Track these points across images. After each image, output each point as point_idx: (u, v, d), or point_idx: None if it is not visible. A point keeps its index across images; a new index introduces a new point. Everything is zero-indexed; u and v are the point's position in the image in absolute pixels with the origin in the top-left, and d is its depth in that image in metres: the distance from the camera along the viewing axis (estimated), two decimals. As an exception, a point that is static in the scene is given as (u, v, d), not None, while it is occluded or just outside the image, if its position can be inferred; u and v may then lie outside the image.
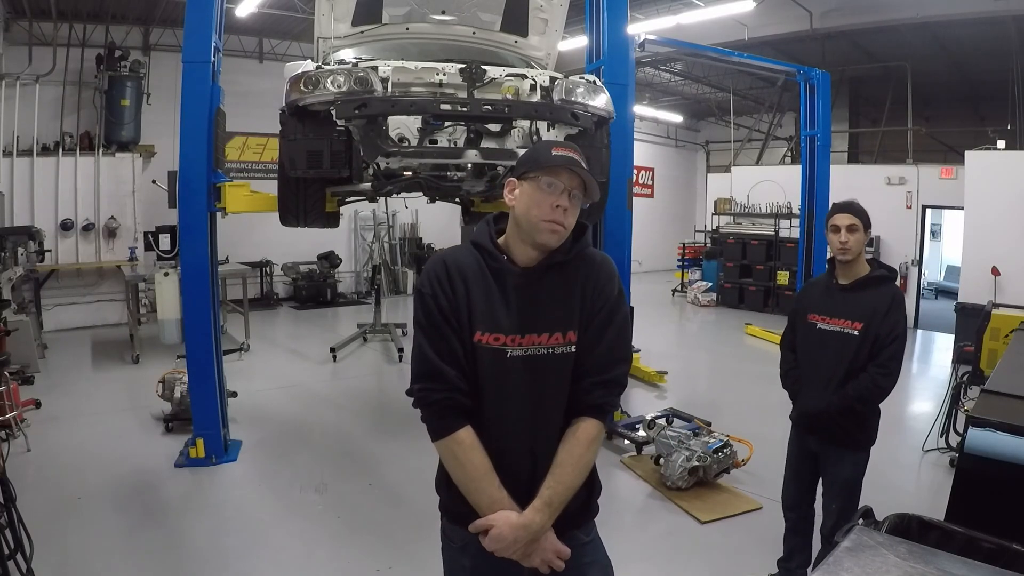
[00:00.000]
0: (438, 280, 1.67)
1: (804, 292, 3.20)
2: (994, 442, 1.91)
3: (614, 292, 1.74)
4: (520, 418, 1.67)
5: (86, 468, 4.73)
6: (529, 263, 1.69)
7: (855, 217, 2.80)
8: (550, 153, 1.68)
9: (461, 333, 1.64)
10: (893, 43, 11.26)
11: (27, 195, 9.23)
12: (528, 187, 1.67)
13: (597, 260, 1.77)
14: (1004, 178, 9.04)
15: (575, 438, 1.67)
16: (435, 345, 1.63)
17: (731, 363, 8.58)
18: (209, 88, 4.63)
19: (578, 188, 1.68)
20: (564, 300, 1.69)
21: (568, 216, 1.66)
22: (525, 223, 1.66)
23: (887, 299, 2.81)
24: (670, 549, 3.85)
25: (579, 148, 1.74)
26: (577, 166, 1.66)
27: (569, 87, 3.99)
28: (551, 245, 1.66)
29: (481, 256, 1.70)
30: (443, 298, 1.65)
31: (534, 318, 1.66)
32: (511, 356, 1.65)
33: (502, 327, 1.64)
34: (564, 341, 1.68)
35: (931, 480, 4.87)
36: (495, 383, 1.66)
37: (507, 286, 1.67)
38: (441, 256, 1.72)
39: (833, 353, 2.83)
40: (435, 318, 1.64)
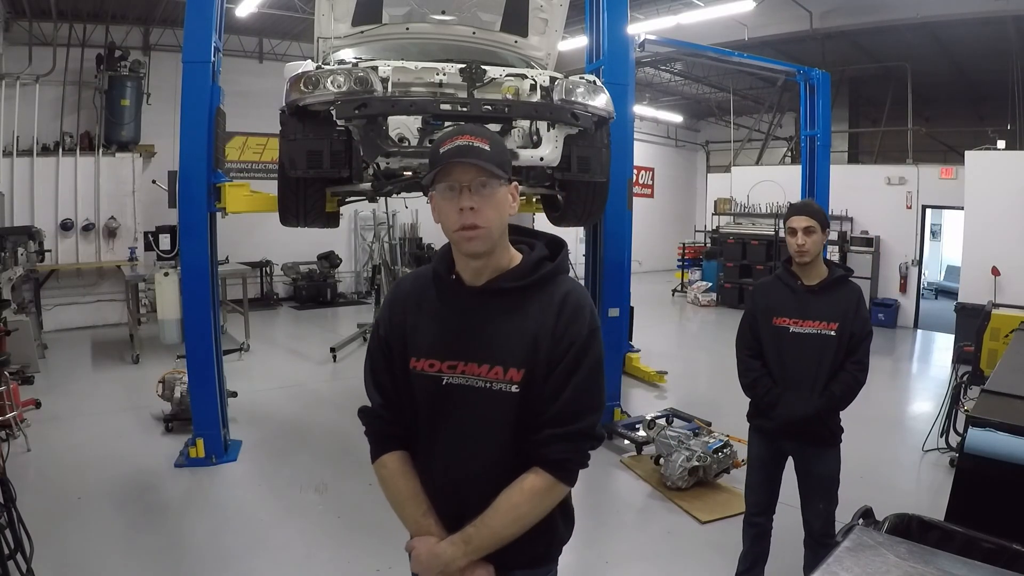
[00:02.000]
0: (388, 304, 1.65)
1: (761, 294, 3.03)
2: (994, 442, 1.91)
3: (583, 332, 1.51)
4: (447, 451, 1.57)
5: (86, 468, 4.73)
6: (475, 279, 1.55)
7: (811, 219, 2.78)
8: (439, 151, 1.49)
9: (395, 363, 1.59)
10: (893, 43, 11.26)
11: (27, 195, 9.23)
12: (436, 199, 1.52)
13: (562, 292, 1.54)
14: (1004, 178, 9.04)
15: (518, 486, 1.51)
16: (370, 370, 1.64)
17: (731, 363, 8.49)
18: (209, 88, 4.64)
19: (481, 176, 1.47)
20: (512, 332, 1.51)
21: (481, 215, 1.47)
22: (448, 237, 1.54)
23: (854, 297, 2.85)
24: (670, 549, 3.85)
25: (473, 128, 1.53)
26: (467, 153, 1.45)
27: (569, 87, 3.99)
28: (475, 252, 1.50)
29: (434, 277, 1.61)
30: (384, 325, 1.62)
31: (474, 345, 1.52)
32: (447, 384, 1.53)
33: (439, 352, 1.54)
34: (504, 378, 1.49)
35: (931, 480, 4.87)
36: (428, 411, 1.57)
37: (451, 307, 1.56)
38: (397, 282, 1.70)
39: (813, 355, 2.81)
40: (374, 343, 1.63)
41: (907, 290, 11.26)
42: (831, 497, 2.88)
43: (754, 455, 3.09)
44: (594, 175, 4.22)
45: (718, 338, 10.76)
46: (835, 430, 2.89)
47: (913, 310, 11.27)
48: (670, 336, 10.92)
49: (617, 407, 5.66)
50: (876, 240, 11.15)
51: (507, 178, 1.53)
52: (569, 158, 4.07)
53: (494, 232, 1.50)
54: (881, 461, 4.95)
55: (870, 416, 2.90)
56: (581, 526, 4.45)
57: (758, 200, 12.78)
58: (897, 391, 7.39)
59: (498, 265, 1.55)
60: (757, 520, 3.10)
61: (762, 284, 3.12)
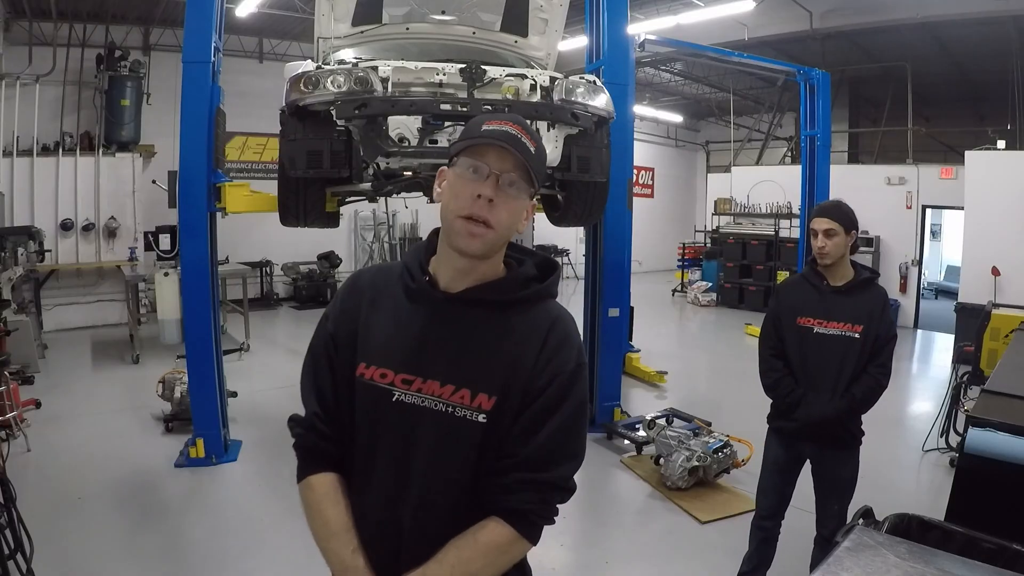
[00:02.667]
0: (342, 295, 1.42)
1: (785, 294, 3.00)
2: (994, 442, 1.91)
3: (569, 365, 1.31)
4: (388, 481, 1.31)
5: (86, 468, 4.73)
6: (452, 284, 1.33)
7: (833, 221, 2.75)
8: (480, 127, 1.30)
9: (339, 364, 1.36)
10: (893, 43, 11.26)
11: (27, 195, 9.23)
12: (452, 174, 1.31)
13: (551, 317, 1.35)
14: (1004, 178, 9.04)
15: (471, 537, 1.27)
16: (311, 371, 1.40)
17: (731, 363, 8.59)
18: (209, 88, 4.64)
19: (515, 172, 1.27)
20: (488, 352, 1.29)
21: (496, 212, 1.26)
22: (443, 221, 1.31)
23: (880, 300, 2.82)
24: (670, 549, 3.85)
25: (525, 123, 1.33)
26: (512, 142, 1.26)
27: (569, 87, 3.99)
28: (469, 252, 1.28)
29: (402, 275, 1.38)
30: (332, 321, 1.39)
31: (440, 360, 1.29)
32: (398, 400, 1.29)
33: (394, 362, 1.30)
34: (472, 404, 1.27)
35: (931, 480, 4.88)
36: (371, 430, 1.33)
37: (418, 313, 1.33)
38: (358, 271, 1.48)
39: (836, 357, 2.78)
40: (317, 341, 1.40)
41: (907, 290, 11.27)
42: (847, 499, 2.87)
43: (770, 458, 3.05)
44: (594, 175, 4.22)
45: (718, 338, 10.78)
46: (856, 433, 2.87)
47: (913, 310, 11.28)
48: (670, 336, 10.91)
49: (617, 407, 5.66)
50: (876, 240, 11.15)
51: (536, 191, 1.34)
52: (569, 158, 4.07)
53: (500, 239, 1.30)
54: (881, 461, 4.94)
55: (870, 416, 2.89)
56: (581, 526, 4.46)
57: (758, 200, 12.79)
58: (897, 391, 7.39)
59: (483, 274, 1.33)
60: (766, 524, 3.08)
61: (787, 283, 3.10)
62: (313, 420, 1.37)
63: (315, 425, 1.37)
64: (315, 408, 1.37)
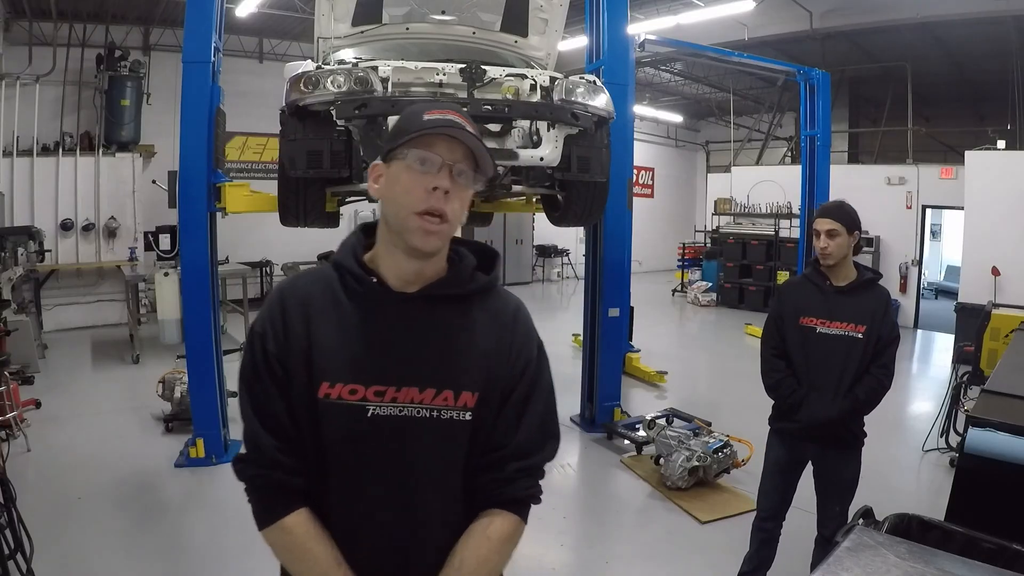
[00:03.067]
0: (270, 317, 1.25)
1: (788, 294, 3.00)
2: (994, 442, 1.91)
3: (534, 350, 1.33)
4: (382, 504, 1.24)
5: (86, 468, 4.73)
6: (406, 285, 1.26)
7: (836, 222, 2.74)
8: (422, 118, 1.23)
9: (291, 389, 1.23)
10: (893, 43, 11.26)
11: (27, 195, 9.22)
12: (395, 170, 1.23)
13: (512, 305, 1.35)
14: (1004, 178, 9.04)
15: (484, 535, 1.26)
16: (255, 404, 1.24)
17: (731, 363, 8.59)
18: (209, 88, 4.64)
19: (464, 162, 1.23)
20: (463, 349, 1.26)
21: (451, 203, 1.22)
22: (393, 220, 1.23)
23: (883, 301, 2.83)
24: (670, 549, 3.85)
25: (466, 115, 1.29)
26: (460, 131, 1.22)
27: (569, 87, 3.99)
28: (427, 250, 1.22)
29: (341, 279, 1.27)
30: (272, 338, 1.23)
31: (414, 365, 1.23)
32: (374, 415, 1.21)
33: (363, 375, 1.22)
34: (456, 404, 1.24)
35: (931, 480, 4.88)
36: (349, 452, 1.23)
37: (376, 318, 1.24)
38: (285, 284, 1.31)
39: (839, 357, 2.78)
40: (259, 368, 1.24)
41: (907, 290, 11.27)
42: (849, 500, 2.87)
43: (772, 459, 3.04)
44: (594, 175, 4.22)
45: (718, 338, 10.78)
46: (858, 433, 2.87)
47: (913, 310, 11.28)
48: (670, 336, 10.91)
49: (617, 407, 5.66)
50: (876, 240, 11.15)
51: (483, 180, 1.29)
52: (569, 158, 4.07)
53: (452, 232, 1.26)
54: (881, 461, 4.94)
55: (871, 416, 2.89)
56: (581, 526, 4.46)
57: (758, 200, 12.79)
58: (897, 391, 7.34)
59: (434, 270, 1.28)
60: (767, 525, 3.08)
61: (790, 283, 3.10)
62: (274, 455, 1.22)
63: (278, 460, 1.22)
64: (272, 442, 1.22)
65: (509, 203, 6.17)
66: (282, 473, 1.22)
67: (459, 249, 1.34)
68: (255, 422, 1.23)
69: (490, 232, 13.99)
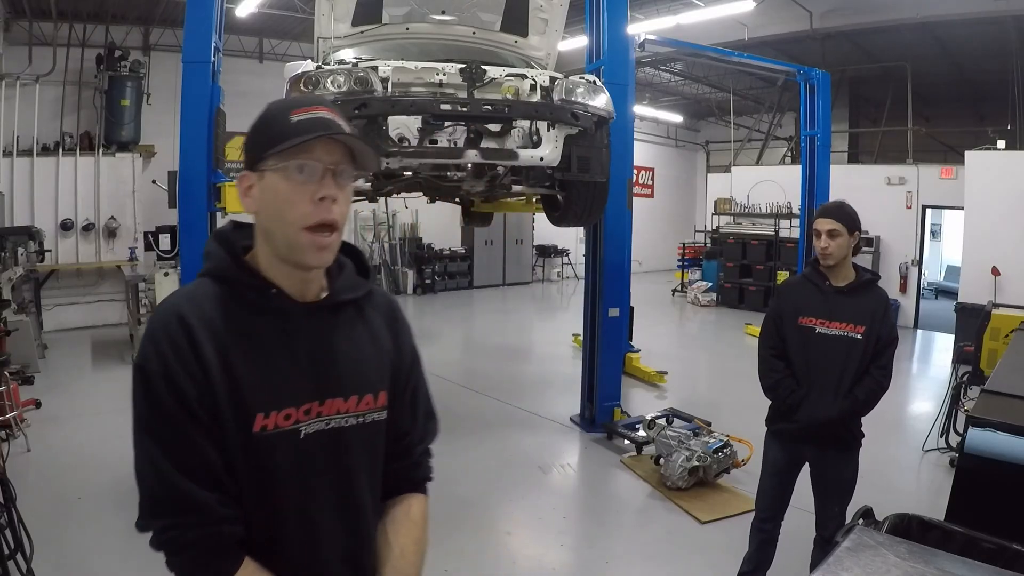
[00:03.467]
0: (174, 350, 1.08)
1: (787, 294, 2.99)
2: (994, 442, 1.91)
3: (412, 338, 1.37)
4: (330, 516, 1.20)
5: (86, 468, 4.72)
6: (306, 294, 1.20)
7: (836, 222, 2.74)
8: (289, 120, 1.12)
9: (221, 431, 1.10)
10: (893, 43, 11.27)
11: (27, 195, 9.23)
12: (271, 180, 1.12)
13: (387, 298, 1.37)
14: (1004, 178, 9.05)
15: (410, 519, 1.31)
16: (177, 458, 1.08)
17: (731, 363, 8.59)
18: (209, 88, 4.64)
19: (344, 161, 1.15)
20: (372, 350, 1.27)
21: (339, 209, 1.14)
22: (281, 236, 1.13)
23: (882, 302, 2.83)
24: (670, 549, 3.85)
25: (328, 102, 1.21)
26: (335, 129, 1.13)
27: (569, 87, 3.99)
28: (322, 265, 1.17)
29: (236, 294, 1.15)
30: (186, 380, 1.08)
31: (333, 375, 1.19)
32: (306, 435, 1.16)
33: (292, 398, 1.14)
34: (376, 405, 1.25)
35: (931, 480, 4.88)
36: (290, 478, 1.15)
37: (289, 334, 1.17)
38: (174, 307, 1.13)
39: (839, 358, 2.77)
40: (172, 416, 1.08)
41: (907, 290, 11.27)
42: (847, 500, 2.88)
43: (770, 460, 3.04)
44: (594, 175, 4.22)
45: (718, 338, 10.78)
46: (856, 434, 2.87)
47: (913, 310, 11.28)
48: (670, 336, 10.91)
49: (617, 407, 5.66)
50: (876, 240, 11.15)
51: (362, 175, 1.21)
52: (569, 158, 4.07)
53: (341, 237, 1.19)
54: (881, 461, 4.94)
55: (870, 416, 2.88)
56: (581, 526, 4.45)
57: (758, 200, 12.79)
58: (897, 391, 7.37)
59: (319, 274, 1.22)
60: (766, 526, 3.08)
61: (789, 283, 3.10)
62: (218, 510, 1.09)
63: (223, 514, 1.09)
64: (210, 496, 1.08)
65: (509, 203, 6.18)
66: (229, 525, 1.10)
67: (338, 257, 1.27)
68: (180, 479, 1.07)
69: (490, 232, 13.99)
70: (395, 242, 13.58)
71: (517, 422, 5.92)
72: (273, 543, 1.16)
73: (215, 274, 1.17)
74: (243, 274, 1.16)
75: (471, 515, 4.10)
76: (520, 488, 4.58)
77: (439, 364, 8.01)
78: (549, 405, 6.32)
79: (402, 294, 13.42)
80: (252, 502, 1.13)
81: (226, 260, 1.17)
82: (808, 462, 2.96)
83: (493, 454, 5.16)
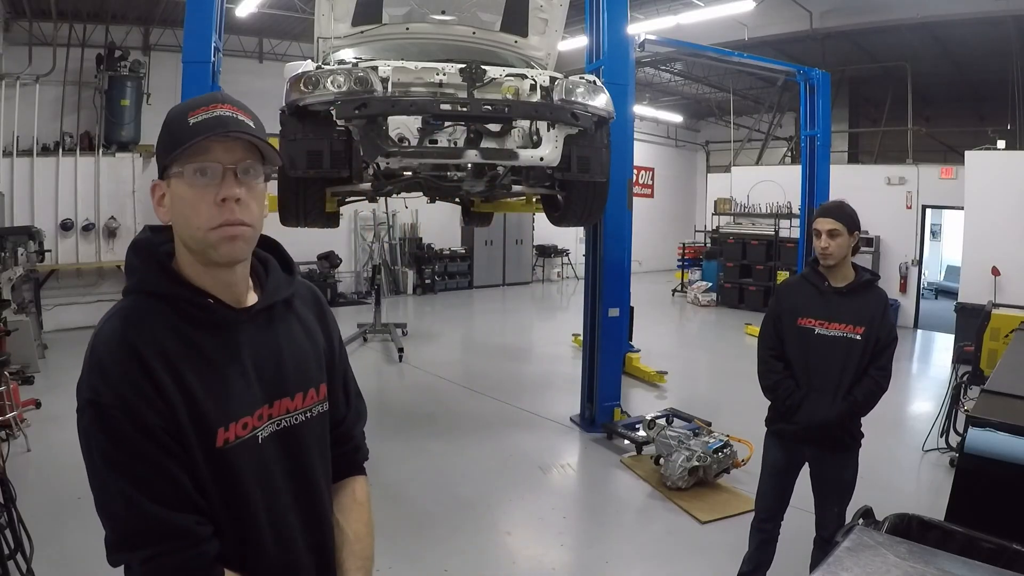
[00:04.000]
0: (130, 383, 1.07)
1: (786, 295, 2.97)
2: (994, 442, 1.91)
3: (337, 324, 1.42)
4: (294, 512, 1.24)
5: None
6: (240, 298, 1.20)
7: (837, 222, 2.73)
8: (187, 122, 1.10)
9: (184, 452, 1.10)
10: (893, 43, 11.27)
11: (27, 195, 9.24)
12: (177, 187, 1.12)
13: (314, 291, 1.41)
14: (1004, 178, 9.04)
15: (356, 501, 1.39)
16: (151, 489, 1.06)
17: (731, 363, 8.59)
18: (209, 88, 4.64)
19: (248, 158, 1.13)
20: (308, 343, 1.30)
21: (247, 209, 1.13)
22: (192, 242, 1.13)
23: (881, 302, 2.82)
24: (670, 549, 3.85)
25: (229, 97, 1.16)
26: (232, 126, 1.11)
27: (569, 87, 3.99)
28: (239, 257, 1.16)
29: (174, 307, 1.14)
30: (148, 410, 1.07)
31: (278, 377, 1.22)
32: (263, 440, 1.19)
33: (246, 406, 1.16)
34: (319, 398, 1.29)
35: (931, 480, 4.88)
36: (252, 484, 1.17)
37: (229, 342, 1.17)
38: (116, 334, 1.11)
39: (838, 359, 2.77)
40: (138, 447, 1.07)
41: (907, 290, 11.27)
42: (847, 501, 2.88)
43: (769, 460, 3.04)
44: (594, 175, 4.22)
45: (718, 338, 10.78)
46: (855, 435, 2.87)
47: (913, 310, 11.27)
48: (670, 336, 10.91)
49: (617, 407, 5.66)
50: (876, 240, 11.15)
51: (272, 169, 1.20)
52: (569, 158, 4.07)
53: (258, 232, 1.19)
54: (881, 461, 4.94)
55: (870, 416, 2.88)
56: (581, 526, 4.44)
57: (758, 200, 12.79)
58: (897, 391, 7.37)
59: (247, 274, 1.23)
60: (765, 527, 3.08)
61: (787, 284, 3.08)
62: (194, 530, 1.09)
63: (197, 534, 1.09)
64: (187, 519, 1.08)
65: (509, 203, 6.18)
66: (207, 544, 1.11)
67: (259, 254, 1.29)
68: (156, 509, 1.06)
69: (490, 232, 13.99)
70: (395, 242, 13.58)
71: (517, 422, 5.92)
72: (246, 545, 1.17)
73: (145, 290, 1.16)
74: (176, 287, 1.15)
75: (471, 515, 4.09)
76: (520, 488, 4.58)
77: (439, 364, 8.02)
78: (549, 405, 6.32)
79: (402, 294, 13.42)
80: (222, 512, 1.14)
81: (155, 274, 1.16)
82: (808, 462, 2.96)
83: (493, 454, 5.16)
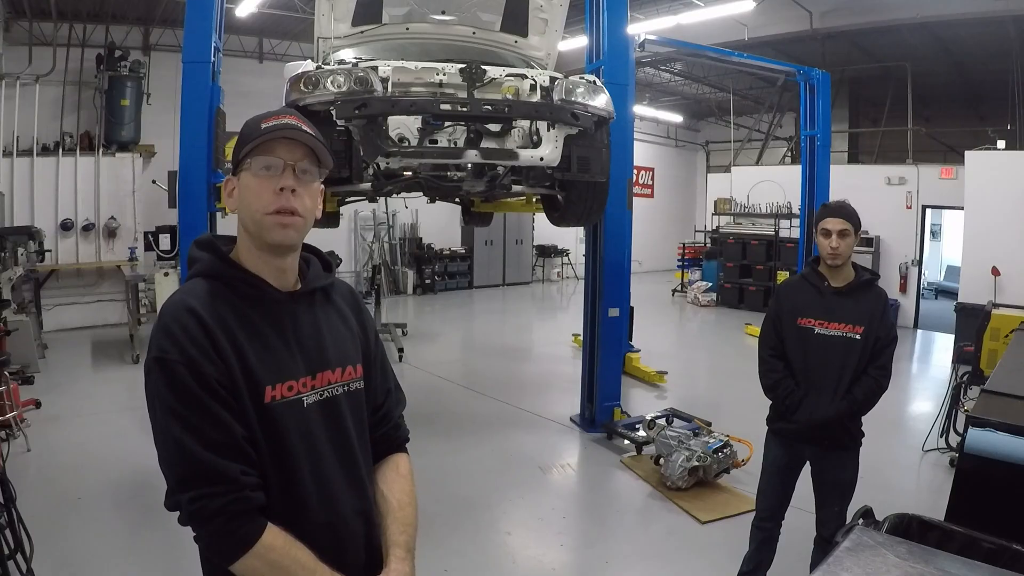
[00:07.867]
0: (191, 341, 1.23)
1: (785, 295, 2.98)
2: (994, 442, 1.92)
3: (373, 320, 1.62)
4: (339, 477, 1.38)
5: (86, 468, 4.73)
6: (287, 284, 1.39)
7: (847, 222, 2.74)
8: (260, 127, 1.33)
9: (237, 403, 1.25)
10: (893, 43, 11.26)
11: (27, 195, 9.23)
12: (245, 179, 1.34)
13: (351, 288, 1.58)
14: (1004, 178, 9.05)
15: (399, 474, 1.53)
16: (204, 436, 1.20)
17: (731, 363, 8.59)
18: (209, 88, 4.64)
19: (306, 159, 1.35)
20: (344, 329, 1.47)
21: (301, 200, 1.33)
22: (252, 225, 1.33)
23: (881, 302, 2.83)
24: (670, 549, 3.85)
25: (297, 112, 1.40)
26: (295, 132, 1.33)
27: (569, 87, 3.99)
28: (287, 242, 1.34)
29: (231, 287, 1.33)
30: (207, 363, 1.22)
31: (321, 351, 1.39)
32: (308, 405, 1.35)
33: (290, 372, 1.33)
34: (356, 375, 1.45)
35: (931, 480, 4.88)
36: (301, 443, 1.32)
37: (277, 318, 1.35)
38: (180, 302, 1.28)
39: (837, 358, 2.78)
40: (197, 397, 1.21)
41: (907, 290, 11.27)
42: (847, 500, 2.88)
43: (770, 460, 3.05)
44: (594, 175, 4.22)
45: (718, 338, 10.78)
46: (856, 434, 2.87)
47: (913, 310, 11.28)
48: (670, 336, 10.91)
49: (617, 407, 5.66)
50: (876, 240, 11.15)
51: (326, 172, 1.41)
52: (569, 158, 4.07)
53: (308, 225, 1.37)
54: (881, 461, 4.94)
55: (870, 416, 2.88)
56: (581, 526, 4.44)
57: (758, 200, 12.78)
58: (897, 391, 7.37)
59: (294, 268, 1.41)
60: (766, 526, 3.08)
61: (787, 284, 3.09)
62: (242, 478, 1.22)
63: (243, 481, 1.22)
64: (236, 466, 1.22)
65: (509, 203, 6.18)
66: (252, 491, 1.23)
67: (304, 255, 1.48)
68: (205, 454, 1.19)
69: (490, 232, 13.99)
70: (395, 242, 13.58)
71: (517, 422, 5.92)
72: (292, 500, 1.31)
73: (207, 273, 1.35)
74: (233, 270, 1.35)
75: (471, 515, 4.09)
76: (520, 488, 4.58)
77: (439, 364, 8.02)
78: (549, 405, 6.32)
79: (402, 294, 13.42)
80: (271, 466, 1.29)
81: (215, 260, 1.35)
82: (808, 462, 2.96)
83: (493, 454, 5.16)
